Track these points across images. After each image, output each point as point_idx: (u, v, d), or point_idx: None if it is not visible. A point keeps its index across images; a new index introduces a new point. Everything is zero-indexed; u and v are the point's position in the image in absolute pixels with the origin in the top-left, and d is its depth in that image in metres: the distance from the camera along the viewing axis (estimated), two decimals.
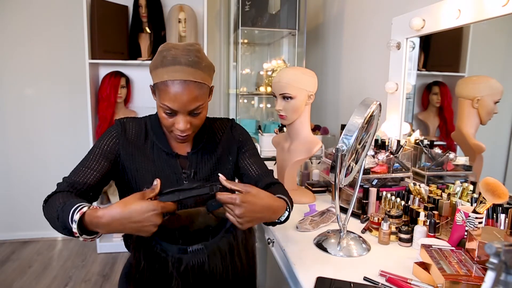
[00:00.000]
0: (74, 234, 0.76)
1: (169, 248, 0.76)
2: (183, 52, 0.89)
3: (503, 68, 1.19)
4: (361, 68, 1.99)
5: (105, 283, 2.36)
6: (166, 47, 0.91)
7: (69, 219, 0.76)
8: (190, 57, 0.89)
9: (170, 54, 0.88)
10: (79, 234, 0.76)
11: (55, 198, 0.85)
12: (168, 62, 0.88)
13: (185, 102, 0.89)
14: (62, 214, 0.79)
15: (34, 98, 2.87)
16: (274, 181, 1.08)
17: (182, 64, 0.87)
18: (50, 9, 2.76)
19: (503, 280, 0.47)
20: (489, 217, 0.99)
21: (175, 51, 0.89)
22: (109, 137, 0.99)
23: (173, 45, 0.92)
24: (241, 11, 2.40)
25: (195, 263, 0.75)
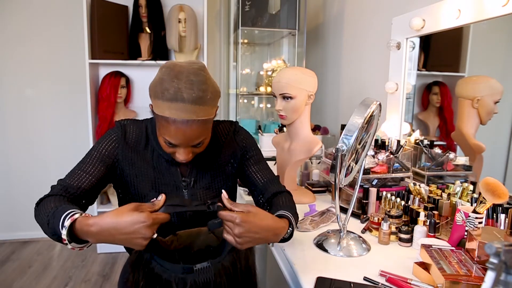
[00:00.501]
0: (63, 241, 0.74)
1: (172, 268, 0.73)
2: (187, 84, 0.80)
3: (503, 68, 1.19)
4: (361, 68, 1.99)
5: (105, 283, 2.36)
6: (168, 75, 0.82)
7: (59, 225, 0.74)
8: (194, 91, 0.80)
9: (172, 87, 0.80)
10: (68, 241, 0.73)
11: (47, 201, 0.84)
12: (170, 96, 0.80)
13: (187, 139, 0.85)
14: (53, 220, 0.76)
15: (34, 98, 2.87)
16: (281, 189, 1.04)
17: (186, 102, 0.80)
18: (50, 9, 2.76)
19: (503, 280, 0.47)
20: (489, 217, 0.99)
21: (178, 82, 0.80)
22: (108, 140, 0.95)
23: (176, 74, 0.81)
24: (241, 11, 2.40)
25: (200, 282, 0.72)
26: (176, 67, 0.83)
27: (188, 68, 0.83)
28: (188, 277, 0.73)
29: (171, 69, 0.82)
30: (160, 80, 0.82)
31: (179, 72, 0.81)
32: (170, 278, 0.73)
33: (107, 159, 0.94)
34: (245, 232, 0.76)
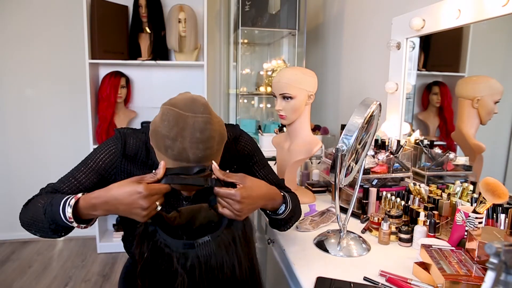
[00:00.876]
0: (69, 219, 0.75)
1: (173, 243, 0.74)
2: (192, 144, 0.76)
3: (503, 68, 1.19)
4: (361, 68, 1.99)
5: (105, 283, 2.36)
6: (171, 130, 0.77)
7: (59, 209, 0.76)
8: (199, 151, 0.77)
9: (176, 146, 0.76)
10: (74, 220, 0.75)
11: (37, 199, 0.85)
12: (174, 155, 0.77)
13: (192, 190, 0.88)
14: (51, 208, 0.78)
15: (34, 98, 2.87)
16: (287, 191, 1.08)
17: (191, 161, 0.78)
18: (50, 9, 2.76)
19: (503, 280, 0.47)
20: (489, 217, 0.99)
21: (182, 141, 0.76)
22: (106, 152, 0.93)
23: (179, 131, 0.76)
24: (241, 11, 2.40)
25: (202, 257, 0.73)
26: (180, 121, 0.77)
27: (193, 121, 0.76)
28: (190, 252, 0.73)
29: (175, 124, 0.77)
30: (162, 136, 0.78)
31: (182, 129, 0.76)
32: (172, 253, 0.73)
33: (102, 171, 0.92)
34: (245, 206, 0.79)
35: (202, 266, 0.73)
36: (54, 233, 0.81)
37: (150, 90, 2.89)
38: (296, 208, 1.03)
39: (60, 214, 0.76)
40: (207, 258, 0.73)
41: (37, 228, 0.82)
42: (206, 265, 0.73)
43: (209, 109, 0.80)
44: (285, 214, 0.96)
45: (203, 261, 0.73)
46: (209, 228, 0.84)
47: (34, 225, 0.82)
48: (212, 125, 0.79)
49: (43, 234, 0.83)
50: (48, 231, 0.80)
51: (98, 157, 0.93)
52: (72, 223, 0.76)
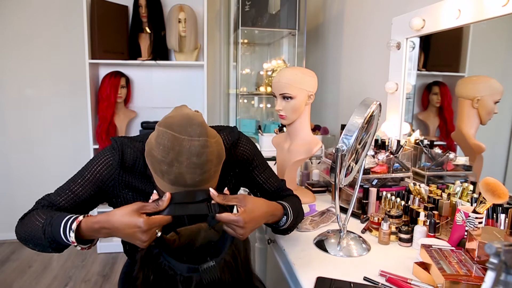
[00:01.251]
0: (72, 243, 0.76)
1: (178, 267, 0.74)
2: (189, 169, 0.74)
3: (503, 68, 1.19)
4: (361, 68, 1.99)
5: (105, 283, 2.36)
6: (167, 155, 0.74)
7: (60, 231, 0.76)
8: (196, 175, 0.75)
9: (173, 172, 0.74)
10: (76, 242, 0.76)
11: (34, 214, 0.84)
12: (171, 180, 0.76)
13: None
14: (51, 229, 0.78)
15: (34, 98, 2.87)
16: (288, 193, 1.10)
17: (188, 186, 0.76)
18: (50, 9, 2.76)
19: (503, 280, 0.47)
20: (489, 217, 0.99)
21: (179, 167, 0.74)
22: (104, 164, 0.90)
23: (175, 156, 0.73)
24: (241, 11, 2.40)
25: (206, 280, 0.73)
26: (175, 145, 0.74)
27: (189, 145, 0.74)
28: (194, 276, 0.73)
29: (170, 148, 0.74)
30: (158, 161, 0.76)
31: (179, 153, 0.73)
32: (176, 276, 0.73)
33: (100, 183, 0.90)
34: (248, 230, 0.80)
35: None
36: (55, 251, 0.82)
37: (150, 90, 2.89)
38: (298, 213, 1.03)
39: (61, 235, 0.76)
40: (211, 283, 0.73)
41: (35, 244, 0.83)
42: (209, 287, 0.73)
43: (205, 129, 0.76)
44: (286, 224, 0.97)
45: (207, 285, 0.73)
46: (209, 247, 0.83)
47: (32, 241, 0.83)
48: (209, 147, 0.76)
49: (42, 250, 0.84)
50: (48, 249, 0.81)
51: (95, 169, 0.90)
52: (76, 246, 0.77)
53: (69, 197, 0.88)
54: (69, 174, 0.94)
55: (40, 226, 0.80)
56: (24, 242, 0.85)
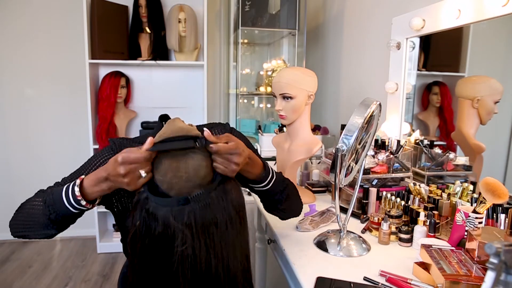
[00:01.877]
0: (77, 197, 0.75)
1: (167, 202, 0.71)
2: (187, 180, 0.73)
3: (503, 68, 1.19)
4: (361, 68, 1.99)
5: (105, 283, 2.36)
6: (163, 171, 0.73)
7: (62, 195, 0.76)
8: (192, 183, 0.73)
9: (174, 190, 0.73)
10: (82, 198, 0.76)
11: (30, 199, 0.84)
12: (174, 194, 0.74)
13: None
14: (52, 197, 0.78)
15: (34, 98, 2.87)
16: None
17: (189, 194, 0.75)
18: (50, 9, 2.77)
19: (503, 280, 0.47)
20: (489, 217, 0.99)
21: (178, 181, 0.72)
22: (101, 158, 0.90)
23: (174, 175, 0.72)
24: (241, 11, 2.40)
25: (198, 209, 0.70)
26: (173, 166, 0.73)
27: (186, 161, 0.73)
28: (185, 208, 0.71)
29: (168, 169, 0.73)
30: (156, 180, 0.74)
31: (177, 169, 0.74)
32: (167, 213, 0.70)
33: None
34: (244, 159, 0.79)
35: (198, 221, 0.70)
36: (52, 225, 0.79)
37: (150, 90, 2.89)
38: (286, 184, 0.98)
39: (63, 199, 0.76)
40: (203, 211, 0.70)
41: (30, 224, 0.80)
42: (203, 219, 0.70)
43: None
44: (271, 183, 0.93)
45: (200, 215, 0.70)
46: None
47: (28, 223, 0.80)
48: (205, 161, 0.75)
49: (37, 231, 0.80)
50: (44, 225, 0.79)
51: (92, 165, 0.90)
52: (80, 200, 0.76)
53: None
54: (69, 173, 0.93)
55: (39, 201, 0.80)
56: (17, 229, 0.83)
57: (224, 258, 0.73)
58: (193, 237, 0.70)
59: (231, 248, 0.75)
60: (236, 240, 0.76)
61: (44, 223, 0.79)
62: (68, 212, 0.78)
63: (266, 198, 0.99)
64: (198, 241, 0.70)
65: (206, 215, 0.71)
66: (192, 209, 0.71)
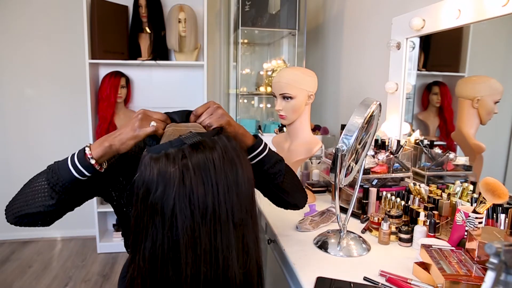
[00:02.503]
0: (86, 156, 0.76)
1: (161, 146, 0.69)
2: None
3: (503, 68, 1.19)
4: (361, 68, 1.99)
5: (105, 283, 2.36)
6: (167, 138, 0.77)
7: (68, 161, 0.77)
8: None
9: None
10: (91, 156, 0.76)
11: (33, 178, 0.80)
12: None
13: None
14: (57, 165, 0.78)
15: (34, 98, 2.87)
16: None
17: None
18: (50, 9, 2.77)
19: (503, 280, 0.47)
20: (489, 217, 0.99)
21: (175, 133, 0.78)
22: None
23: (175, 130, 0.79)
24: (241, 11, 2.40)
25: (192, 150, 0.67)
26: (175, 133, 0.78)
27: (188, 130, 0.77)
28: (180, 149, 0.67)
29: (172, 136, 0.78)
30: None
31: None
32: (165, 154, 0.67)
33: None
34: (222, 109, 0.85)
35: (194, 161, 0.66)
36: (53, 194, 0.75)
37: (150, 90, 2.89)
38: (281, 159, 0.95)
39: (68, 165, 0.76)
40: (199, 151, 0.67)
41: (29, 197, 0.76)
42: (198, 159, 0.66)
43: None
44: (265, 152, 0.90)
45: (195, 155, 0.66)
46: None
47: (25, 198, 0.76)
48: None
49: (35, 203, 0.75)
50: (44, 195, 0.75)
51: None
52: (91, 159, 0.76)
53: None
54: None
55: (41, 173, 0.79)
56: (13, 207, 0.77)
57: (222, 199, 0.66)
58: (188, 175, 0.65)
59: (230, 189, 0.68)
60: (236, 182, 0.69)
61: (44, 193, 0.76)
62: (73, 178, 0.76)
63: (264, 175, 0.93)
64: (195, 178, 0.65)
65: (202, 154, 0.67)
66: (187, 149, 0.67)
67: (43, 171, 0.81)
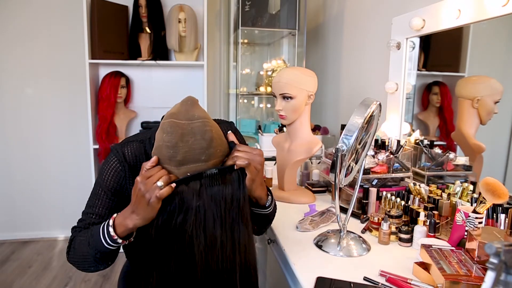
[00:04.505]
0: (113, 237, 0.79)
1: (181, 181, 0.78)
2: (195, 144, 0.76)
3: (503, 68, 1.19)
4: (361, 68, 1.99)
5: (105, 283, 2.36)
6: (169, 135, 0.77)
7: (100, 235, 0.81)
8: (203, 150, 0.77)
9: (179, 152, 0.76)
10: (117, 236, 0.80)
11: (77, 237, 0.88)
12: (179, 162, 0.77)
13: None
14: (93, 238, 0.82)
15: (34, 98, 2.87)
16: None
17: (196, 162, 0.78)
18: (50, 9, 2.76)
19: (503, 280, 0.47)
20: (489, 217, 0.99)
21: (184, 146, 0.76)
22: (111, 168, 0.91)
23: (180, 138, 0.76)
24: (241, 11, 2.40)
25: (212, 186, 0.77)
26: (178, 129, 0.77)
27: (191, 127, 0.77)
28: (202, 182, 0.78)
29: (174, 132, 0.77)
30: (164, 148, 0.78)
31: (182, 135, 0.77)
32: (184, 193, 0.78)
33: (117, 191, 0.91)
34: (262, 165, 0.85)
35: (208, 193, 0.77)
36: (101, 262, 0.85)
37: (150, 90, 2.89)
38: (275, 206, 1.02)
39: (101, 240, 0.81)
40: (215, 187, 0.78)
41: (85, 263, 0.87)
42: (212, 191, 0.78)
43: (204, 112, 0.81)
44: (271, 207, 0.97)
45: (210, 189, 0.77)
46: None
47: (83, 261, 0.86)
48: (211, 126, 0.80)
49: (93, 266, 0.87)
50: (94, 262, 0.85)
51: (105, 180, 0.90)
52: (116, 239, 0.80)
53: (96, 219, 0.89)
54: (69, 174, 0.94)
55: (85, 241, 0.84)
56: (79, 266, 0.89)
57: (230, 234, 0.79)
58: (202, 206, 0.76)
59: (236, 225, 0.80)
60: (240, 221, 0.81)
61: (94, 261, 0.85)
62: (109, 250, 0.83)
63: (261, 221, 1.00)
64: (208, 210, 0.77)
65: (216, 189, 0.78)
66: (206, 184, 0.77)
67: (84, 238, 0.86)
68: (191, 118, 0.78)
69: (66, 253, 0.91)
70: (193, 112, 0.79)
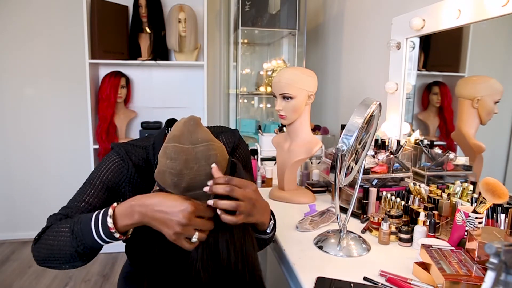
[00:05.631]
0: (109, 229, 0.72)
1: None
2: (199, 171, 0.73)
3: (503, 68, 1.19)
4: (361, 68, 1.99)
5: (105, 283, 2.36)
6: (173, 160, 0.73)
7: (91, 225, 0.73)
8: (209, 177, 0.74)
9: (184, 179, 0.73)
10: (115, 230, 0.72)
11: (54, 226, 0.79)
12: (184, 189, 0.74)
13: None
14: (80, 226, 0.74)
15: (34, 98, 2.87)
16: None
17: (201, 187, 0.74)
18: (50, 9, 2.77)
19: (503, 280, 0.47)
20: (489, 217, 0.99)
21: (188, 173, 0.72)
22: (111, 164, 0.89)
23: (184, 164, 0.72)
24: (241, 11, 2.40)
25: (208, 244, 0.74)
26: (182, 155, 0.73)
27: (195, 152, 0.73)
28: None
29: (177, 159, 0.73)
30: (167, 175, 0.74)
31: (186, 161, 0.73)
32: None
33: (109, 183, 0.88)
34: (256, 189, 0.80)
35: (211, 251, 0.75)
36: (81, 258, 0.77)
37: (150, 90, 2.89)
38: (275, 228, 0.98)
39: (92, 230, 0.73)
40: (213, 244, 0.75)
41: (56, 256, 0.77)
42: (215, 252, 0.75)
43: (207, 134, 0.76)
44: (271, 233, 0.92)
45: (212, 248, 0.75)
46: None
47: (55, 254, 0.77)
48: (215, 150, 0.75)
49: (63, 264, 0.78)
50: (70, 258, 0.76)
51: (104, 175, 0.88)
52: (114, 233, 0.73)
53: (84, 207, 0.84)
54: (69, 174, 0.94)
55: (66, 230, 0.76)
56: (42, 260, 0.79)
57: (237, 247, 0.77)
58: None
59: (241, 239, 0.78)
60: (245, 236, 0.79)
61: (71, 255, 0.76)
62: (97, 246, 0.76)
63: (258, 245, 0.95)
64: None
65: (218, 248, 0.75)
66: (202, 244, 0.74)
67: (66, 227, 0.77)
68: (194, 141, 0.73)
69: (32, 243, 0.81)
70: (196, 134, 0.74)
